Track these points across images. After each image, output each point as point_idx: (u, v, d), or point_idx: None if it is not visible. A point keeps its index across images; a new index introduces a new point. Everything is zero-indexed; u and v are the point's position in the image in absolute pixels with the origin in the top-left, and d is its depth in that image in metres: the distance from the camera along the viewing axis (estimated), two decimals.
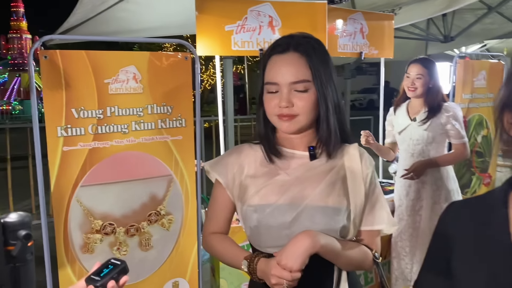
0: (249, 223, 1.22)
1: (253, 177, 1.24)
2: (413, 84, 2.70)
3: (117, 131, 2.00)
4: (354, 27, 3.18)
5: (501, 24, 6.07)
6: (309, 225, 1.16)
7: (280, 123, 1.19)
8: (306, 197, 1.19)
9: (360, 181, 1.22)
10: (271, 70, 1.19)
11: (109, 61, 1.95)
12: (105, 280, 0.85)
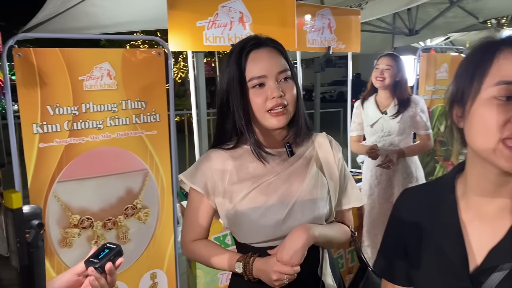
0: (240, 225, 1.25)
1: (238, 182, 1.26)
2: (382, 74, 2.84)
3: (92, 127, 2.03)
4: (322, 22, 3.27)
5: (463, 17, 6.30)
6: (300, 218, 1.22)
7: (271, 119, 1.21)
8: (294, 193, 1.24)
9: (334, 167, 1.31)
10: (256, 64, 1.20)
11: (83, 58, 1.97)
12: (103, 262, 0.92)
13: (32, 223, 0.64)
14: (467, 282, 0.82)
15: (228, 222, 1.29)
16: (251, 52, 1.22)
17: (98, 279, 0.91)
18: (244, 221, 1.24)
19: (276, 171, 1.26)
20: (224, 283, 2.67)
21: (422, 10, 5.96)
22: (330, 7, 3.39)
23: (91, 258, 0.93)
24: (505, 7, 6.28)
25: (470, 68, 0.80)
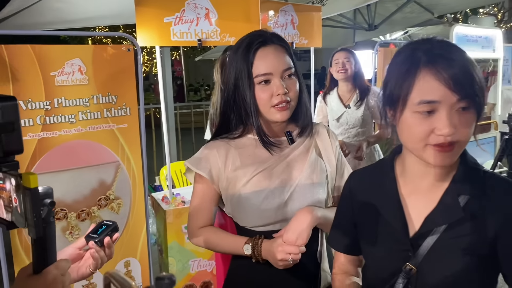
0: (243, 209, 1.32)
1: (241, 168, 1.32)
2: (343, 66, 3.03)
3: (64, 121, 2.10)
4: (285, 18, 3.40)
5: (419, 13, 6.58)
6: (301, 202, 1.31)
7: (276, 113, 1.28)
8: (295, 178, 1.32)
9: (332, 154, 1.40)
10: (263, 62, 1.26)
11: (54, 54, 2.03)
12: (102, 237, 1.03)
13: (44, 202, 0.74)
14: (407, 245, 0.98)
15: (232, 207, 1.35)
16: (259, 49, 1.27)
17: (98, 251, 1.02)
18: (247, 205, 1.30)
19: (278, 158, 1.33)
20: (195, 269, 2.78)
21: (381, 6, 6.20)
22: (293, 4, 3.52)
23: (91, 234, 1.04)
24: (457, 3, 6.62)
25: (399, 80, 0.92)
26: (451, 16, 9.99)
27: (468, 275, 0.93)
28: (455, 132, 0.87)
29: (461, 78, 0.86)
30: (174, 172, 3.79)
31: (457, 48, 0.91)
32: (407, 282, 0.97)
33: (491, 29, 5.15)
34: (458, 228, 0.94)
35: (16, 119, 0.75)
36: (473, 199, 0.94)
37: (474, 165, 0.99)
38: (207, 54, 9.04)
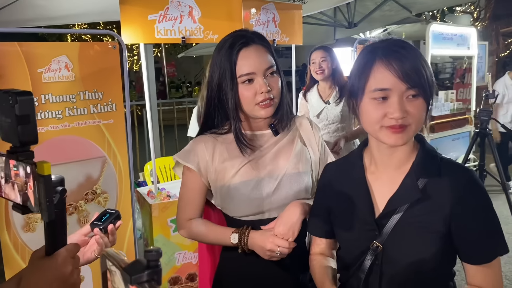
0: (232, 199, 1.37)
1: (229, 160, 1.38)
2: (320, 67, 3.12)
3: (52, 117, 2.14)
4: (267, 16, 3.48)
5: (398, 11, 6.74)
6: (287, 191, 1.38)
7: (260, 110, 1.34)
8: (282, 168, 1.39)
9: (315, 144, 1.48)
10: (245, 62, 1.32)
11: (41, 52, 2.07)
12: (106, 224, 1.10)
13: (57, 189, 0.81)
14: (373, 225, 1.09)
15: (221, 198, 1.40)
16: (241, 50, 1.33)
17: (102, 237, 1.09)
18: (236, 195, 1.36)
19: (264, 149, 1.41)
20: (181, 262, 2.85)
21: (360, 4, 6.32)
22: (274, 2, 3.60)
23: (95, 221, 1.11)
24: (434, 2, 6.80)
25: (358, 73, 1.07)
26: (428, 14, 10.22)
27: (428, 250, 1.04)
28: (406, 116, 1.00)
29: (409, 70, 0.99)
30: (158, 168, 3.84)
31: (410, 46, 1.04)
32: (374, 258, 1.08)
33: (466, 28, 5.32)
34: (417, 208, 1.05)
35: (31, 112, 0.81)
36: (430, 181, 1.06)
37: (432, 152, 1.11)
38: (189, 51, 9.07)
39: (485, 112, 3.02)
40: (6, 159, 0.84)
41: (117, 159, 2.41)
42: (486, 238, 1.04)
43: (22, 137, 0.80)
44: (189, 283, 2.86)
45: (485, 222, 1.04)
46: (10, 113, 0.79)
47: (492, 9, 10.14)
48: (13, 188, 0.85)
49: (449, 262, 1.10)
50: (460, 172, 1.07)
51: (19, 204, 0.84)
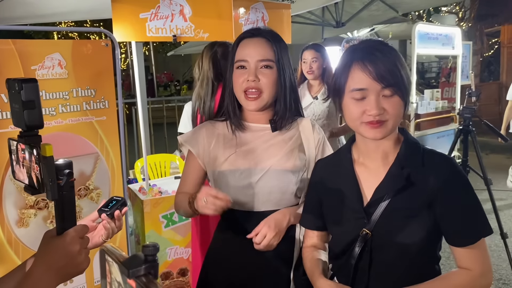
0: (220, 185, 1.45)
1: (222, 147, 1.46)
2: (310, 68, 3.18)
3: (45, 114, 2.16)
4: (256, 15, 3.53)
5: (385, 11, 6.84)
6: (270, 185, 1.43)
7: (247, 102, 1.41)
8: (269, 162, 1.44)
9: (313, 145, 1.52)
10: (242, 50, 1.42)
11: (35, 49, 2.10)
12: (113, 210, 1.15)
13: (64, 172, 0.87)
14: (362, 214, 1.16)
15: (214, 183, 1.50)
16: (243, 39, 1.44)
17: (109, 222, 1.14)
18: (223, 182, 1.44)
19: (257, 142, 1.47)
20: (172, 257, 2.89)
21: (348, 4, 6.41)
22: (263, 1, 3.65)
23: (103, 208, 1.16)
24: (420, 2, 6.92)
25: (339, 73, 1.16)
26: (415, 14, 10.37)
27: (414, 234, 1.11)
28: (383, 112, 1.09)
29: (384, 71, 1.08)
30: (148, 165, 3.87)
31: (387, 48, 1.12)
32: (364, 245, 1.14)
33: (450, 27, 5.43)
34: (402, 195, 1.12)
35: (36, 98, 0.87)
36: (414, 170, 1.13)
37: (415, 144, 1.19)
38: (179, 49, 9.06)
39: (468, 110, 3.11)
40: (16, 143, 0.91)
41: (109, 155, 2.44)
42: (469, 220, 1.11)
43: (28, 121, 0.86)
44: (180, 277, 2.90)
45: (467, 204, 1.12)
46: (18, 99, 0.86)
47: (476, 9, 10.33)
48: (23, 170, 0.92)
49: (435, 247, 1.17)
50: (441, 160, 1.15)
51: (29, 185, 0.90)
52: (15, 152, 0.93)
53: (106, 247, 1.10)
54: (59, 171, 0.86)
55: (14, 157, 0.94)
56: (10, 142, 0.94)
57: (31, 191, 0.90)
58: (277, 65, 1.42)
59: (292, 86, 1.47)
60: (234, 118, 1.49)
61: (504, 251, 3.20)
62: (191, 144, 1.52)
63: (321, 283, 1.18)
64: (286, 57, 1.45)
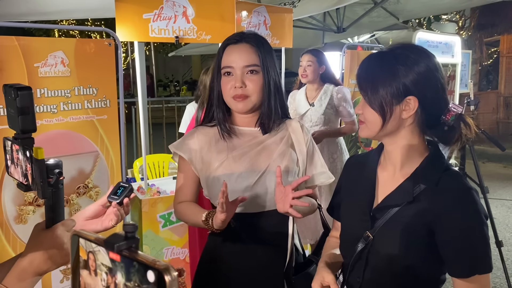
0: (215, 190, 1.44)
1: (215, 152, 1.47)
2: (304, 71, 3.22)
3: (46, 111, 2.18)
4: (258, 19, 3.55)
5: (385, 17, 6.87)
6: (267, 186, 1.44)
7: (235, 104, 1.44)
8: (264, 164, 1.46)
9: (303, 145, 1.55)
10: (227, 57, 1.44)
11: (38, 47, 2.11)
12: (122, 198, 1.17)
13: (54, 171, 0.93)
14: (367, 216, 1.18)
15: (207, 188, 1.49)
16: (228, 46, 1.46)
17: (119, 209, 1.16)
18: (218, 186, 1.41)
19: (250, 145, 1.48)
20: (169, 257, 2.89)
21: (349, 9, 6.44)
22: (266, 5, 3.68)
23: (112, 195, 1.18)
24: (421, 10, 6.95)
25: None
26: (415, 21, 10.42)
27: (409, 251, 1.12)
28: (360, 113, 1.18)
29: (361, 81, 1.16)
30: (147, 165, 3.88)
31: (369, 58, 1.17)
32: (364, 247, 1.16)
33: (450, 36, 5.46)
34: (408, 210, 1.12)
35: (31, 105, 0.94)
36: (427, 189, 1.11)
37: (438, 161, 1.16)
38: (180, 50, 9.09)
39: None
40: (11, 144, 0.98)
41: (109, 154, 2.45)
42: (466, 255, 1.08)
43: (22, 126, 0.93)
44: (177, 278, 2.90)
45: (469, 242, 1.08)
46: (13, 105, 0.92)
47: (476, 18, 10.39)
48: (17, 169, 0.99)
49: (431, 267, 1.15)
50: (457, 188, 1.11)
51: (22, 182, 0.97)
52: (9, 151, 1.00)
53: (79, 233, 1.07)
54: (50, 170, 0.93)
55: (8, 156, 1.01)
56: (5, 142, 1.01)
57: (24, 188, 0.97)
58: (262, 69, 1.45)
59: (277, 88, 1.49)
60: (223, 123, 1.50)
61: (499, 259, 3.21)
62: (182, 150, 1.51)
63: (319, 267, 1.21)
64: (271, 60, 1.48)
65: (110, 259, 0.54)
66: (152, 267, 0.48)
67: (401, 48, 1.15)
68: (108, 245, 0.56)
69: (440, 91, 1.13)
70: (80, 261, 0.58)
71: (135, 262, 0.51)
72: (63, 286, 2.33)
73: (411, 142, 1.15)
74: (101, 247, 0.56)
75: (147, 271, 0.49)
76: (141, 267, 0.50)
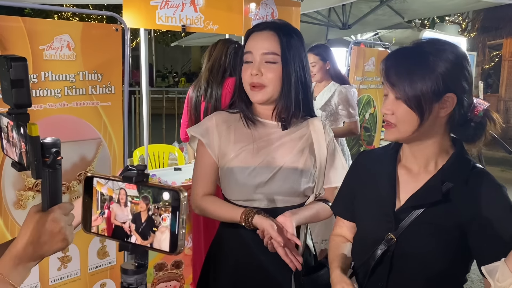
0: (228, 181, 1.41)
1: (233, 142, 1.42)
2: (311, 72, 3.17)
3: (50, 95, 2.13)
4: (266, 11, 3.50)
5: (390, 16, 6.84)
6: (280, 185, 1.40)
7: (252, 93, 1.40)
8: (280, 161, 1.41)
9: (324, 146, 1.48)
10: (249, 42, 1.41)
11: (44, 29, 2.05)
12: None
13: (51, 151, 0.86)
14: (391, 217, 1.12)
15: (221, 179, 1.45)
16: (252, 33, 1.43)
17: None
18: (232, 178, 1.40)
19: (268, 139, 1.43)
20: None
21: (355, 6, 6.40)
22: None
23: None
24: (426, 10, 6.92)
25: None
26: (418, 21, 10.39)
27: (439, 252, 1.08)
28: (389, 114, 1.09)
29: (393, 77, 1.07)
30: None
31: (398, 52, 1.11)
32: (386, 250, 1.11)
33: (456, 37, 5.45)
34: (436, 209, 1.08)
35: (25, 77, 0.87)
36: (456, 187, 1.07)
37: (465, 159, 1.13)
38: (182, 40, 9.02)
39: None
40: (6, 120, 0.92)
41: (112, 142, 2.41)
42: (502, 250, 1.02)
43: (16, 100, 0.86)
44: (175, 270, 2.87)
45: (501, 238, 1.04)
46: (6, 77, 0.85)
47: (480, 21, 10.36)
48: (11, 146, 0.93)
49: (460, 268, 1.12)
50: (488, 186, 1.08)
51: (16, 161, 0.91)
52: (5, 129, 0.94)
53: (95, 173, 1.00)
54: (46, 149, 0.86)
55: (4, 134, 0.95)
56: (1, 118, 0.95)
57: (18, 167, 0.90)
58: (282, 58, 1.38)
59: (301, 82, 1.42)
60: (246, 112, 1.46)
61: None
62: (201, 133, 1.45)
63: (335, 275, 1.17)
64: (295, 51, 1.40)
65: (131, 190, 0.66)
66: (167, 189, 0.63)
67: (429, 42, 1.10)
68: (127, 179, 0.70)
69: (471, 83, 1.09)
70: (104, 199, 0.73)
71: (151, 189, 0.64)
72: (60, 274, 2.29)
73: (440, 140, 1.11)
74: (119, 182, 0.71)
75: (163, 193, 0.63)
76: (156, 190, 0.64)
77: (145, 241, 0.65)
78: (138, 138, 6.20)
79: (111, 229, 0.70)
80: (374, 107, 4.29)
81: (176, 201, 0.62)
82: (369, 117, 4.25)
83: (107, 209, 0.71)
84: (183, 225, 0.62)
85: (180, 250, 0.64)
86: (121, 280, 0.69)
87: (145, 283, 0.70)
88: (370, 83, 4.19)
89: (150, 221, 0.64)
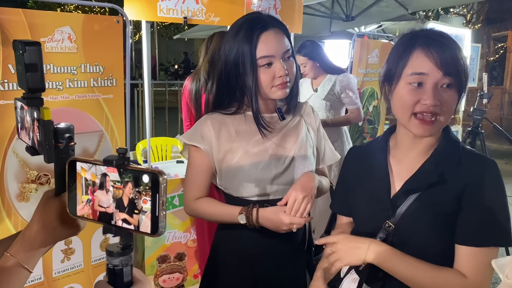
0: (240, 179, 1.38)
1: (237, 140, 1.40)
2: (302, 71, 3.21)
3: (52, 87, 2.12)
4: (268, 2, 3.48)
5: (394, 8, 6.77)
6: (294, 174, 1.41)
7: (276, 91, 1.36)
8: (289, 151, 1.42)
9: (316, 129, 1.54)
10: (266, 45, 1.32)
11: (45, 21, 2.04)
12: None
13: (64, 136, 0.86)
14: (387, 205, 1.13)
15: (226, 179, 1.41)
16: (262, 33, 1.33)
17: None
18: (244, 175, 1.38)
19: (272, 131, 1.42)
20: (170, 241, 2.87)
21: None
22: None
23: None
24: (431, 1, 6.85)
25: (396, 58, 1.09)
26: (423, 13, 10.31)
27: (438, 234, 1.08)
28: (438, 104, 1.03)
29: (446, 58, 1.02)
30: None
31: (449, 37, 1.08)
32: (385, 238, 1.11)
33: (461, 29, 5.40)
34: (432, 192, 1.09)
35: (39, 61, 0.87)
36: (449, 169, 1.09)
37: (455, 141, 1.15)
38: (185, 33, 8.99)
39: (478, 112, 3.09)
40: (21, 104, 0.92)
41: (114, 134, 2.41)
42: (487, 223, 1.05)
43: (30, 84, 0.87)
44: (177, 262, 2.88)
45: (492, 211, 1.05)
46: (21, 61, 0.86)
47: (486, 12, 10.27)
48: (26, 131, 0.94)
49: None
50: (480, 161, 1.10)
51: (30, 146, 0.92)
52: (20, 113, 0.95)
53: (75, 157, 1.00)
54: (60, 134, 0.86)
55: (19, 118, 0.96)
56: (15, 102, 0.96)
57: (31, 151, 0.91)
58: (292, 51, 1.41)
59: (298, 70, 1.46)
60: (261, 117, 1.42)
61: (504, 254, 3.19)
62: (197, 141, 1.41)
63: (316, 280, 1.21)
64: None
65: (112, 174, 0.69)
66: (147, 172, 0.63)
67: (441, 31, 1.11)
68: (107, 162, 0.70)
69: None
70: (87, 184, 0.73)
71: (131, 172, 0.65)
72: (64, 266, 2.30)
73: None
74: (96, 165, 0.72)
75: (143, 176, 0.63)
76: (136, 173, 0.64)
77: (127, 224, 0.66)
78: (142, 131, 6.20)
79: (96, 214, 0.71)
80: (378, 99, 4.27)
81: (155, 183, 0.63)
82: (372, 109, 4.23)
83: (91, 195, 0.72)
84: (163, 207, 0.63)
85: (161, 232, 0.64)
86: (107, 262, 0.70)
87: (130, 264, 0.71)
88: (374, 75, 4.17)
89: (132, 204, 0.65)
